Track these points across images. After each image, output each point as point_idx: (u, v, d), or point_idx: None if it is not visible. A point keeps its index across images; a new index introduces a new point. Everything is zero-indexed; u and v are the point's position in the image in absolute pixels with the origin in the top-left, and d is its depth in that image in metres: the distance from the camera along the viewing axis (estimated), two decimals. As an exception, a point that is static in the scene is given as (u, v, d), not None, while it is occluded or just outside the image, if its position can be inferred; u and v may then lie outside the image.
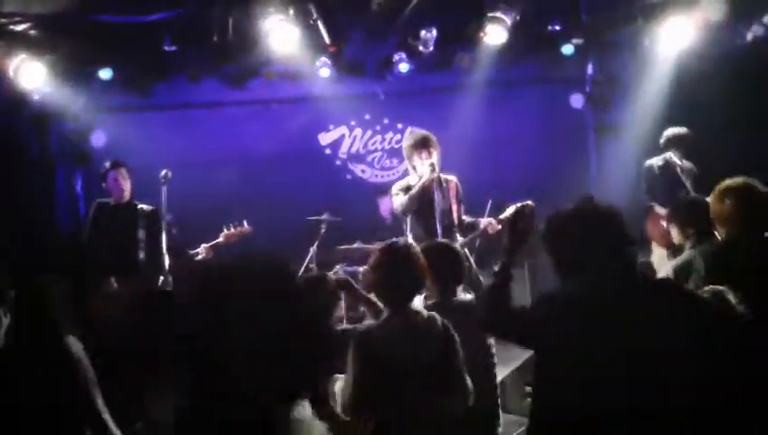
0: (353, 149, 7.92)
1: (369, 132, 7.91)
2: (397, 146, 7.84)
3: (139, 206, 5.33)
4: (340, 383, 2.89)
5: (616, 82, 7.50)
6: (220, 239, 5.25)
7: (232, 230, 5.29)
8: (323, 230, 6.43)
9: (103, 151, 6.90)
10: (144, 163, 5.75)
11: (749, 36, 6.42)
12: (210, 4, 5.94)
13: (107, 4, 5.76)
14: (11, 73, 5.63)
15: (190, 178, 6.90)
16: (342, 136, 7.89)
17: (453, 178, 5.20)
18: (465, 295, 3.49)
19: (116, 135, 7.11)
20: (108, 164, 5.40)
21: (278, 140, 7.49)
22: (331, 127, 7.88)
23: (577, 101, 7.76)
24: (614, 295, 2.34)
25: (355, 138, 7.91)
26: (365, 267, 4.71)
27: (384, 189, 7.44)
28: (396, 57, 6.91)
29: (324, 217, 6.47)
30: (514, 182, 7.70)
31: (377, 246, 6.40)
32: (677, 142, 6.14)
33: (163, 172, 5.03)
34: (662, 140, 6.27)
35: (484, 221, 5.11)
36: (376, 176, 7.94)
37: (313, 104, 7.38)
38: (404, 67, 6.90)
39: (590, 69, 7.69)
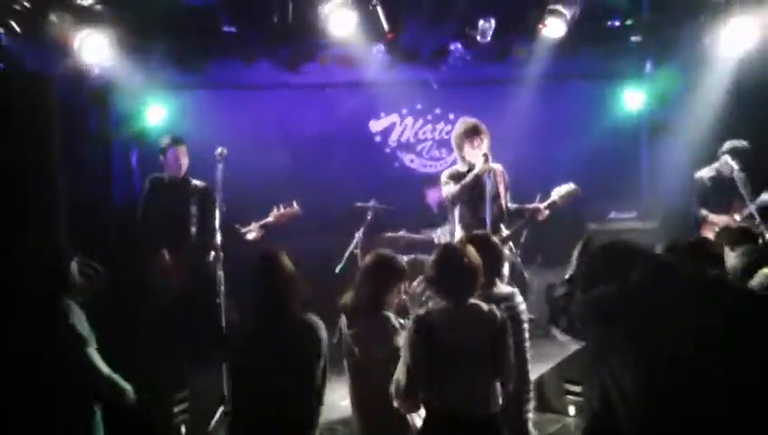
0: (403, 138, 7.94)
1: (420, 122, 7.92)
2: (446, 136, 7.82)
3: (193, 182, 5.43)
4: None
5: (674, 81, 7.35)
6: (270, 219, 5.32)
7: (282, 211, 5.35)
8: (370, 217, 6.48)
9: (159, 127, 7.05)
10: (196, 141, 5.86)
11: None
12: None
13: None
14: (76, 47, 5.76)
15: (241, 158, 6.95)
16: (393, 124, 7.91)
17: (498, 166, 5.19)
18: (504, 288, 3.49)
19: (171, 112, 7.26)
20: (168, 139, 5.51)
21: (329, 124, 7.54)
22: (383, 114, 7.91)
23: (634, 97, 7.66)
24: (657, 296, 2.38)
25: (406, 126, 7.93)
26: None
27: (432, 179, 7.43)
28: (452, 46, 6.87)
29: (371, 203, 6.52)
30: (565, 177, 7.61)
31: (422, 235, 6.53)
32: (735, 154, 5.93)
33: (219, 150, 5.09)
34: (722, 149, 6.07)
35: (530, 207, 5.11)
36: (424, 166, 7.95)
37: (366, 90, 7.40)
38: (459, 57, 6.87)
39: (648, 66, 7.57)
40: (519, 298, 3.49)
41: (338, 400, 4.22)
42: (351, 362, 3.30)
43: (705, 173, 6.14)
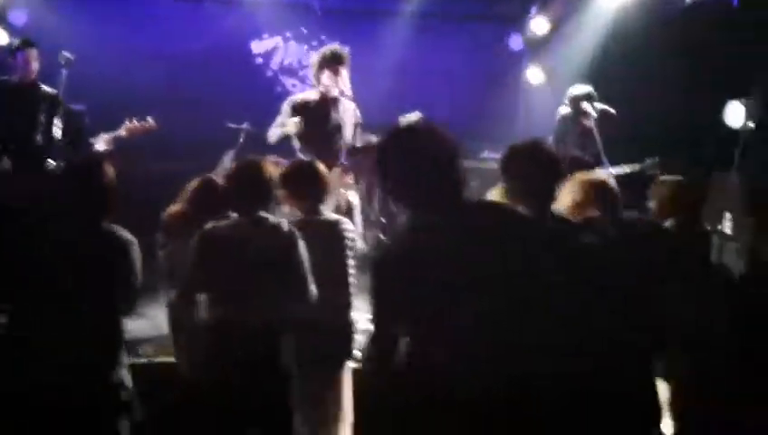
0: (286, 62, 7.74)
1: (305, 47, 7.72)
2: (331, 65, 7.72)
3: (43, 88, 5.15)
4: None
5: (555, 28, 7.47)
6: (121, 132, 5.13)
7: (134, 124, 5.16)
8: (242, 140, 6.36)
9: (22, 31, 6.61)
10: (61, 48, 5.55)
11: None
12: None
13: None
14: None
15: (112, 69, 6.72)
16: (276, 46, 7.70)
17: (353, 104, 5.18)
18: (330, 215, 3.53)
19: (37, 16, 6.82)
20: (18, 42, 5.19)
21: (208, 41, 7.20)
22: (266, 36, 7.66)
23: (515, 42, 7.76)
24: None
25: (289, 50, 7.73)
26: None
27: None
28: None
29: (244, 126, 6.38)
30: (441, 118, 7.70)
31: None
32: (591, 99, 5.80)
33: (64, 55, 4.84)
34: (572, 94, 5.91)
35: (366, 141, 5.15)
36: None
37: (249, 9, 7.16)
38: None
39: (532, 11, 7.65)
40: (347, 225, 3.53)
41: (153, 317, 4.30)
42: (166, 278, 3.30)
43: (566, 111, 5.95)
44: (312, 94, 5.08)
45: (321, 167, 3.56)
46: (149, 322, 4.42)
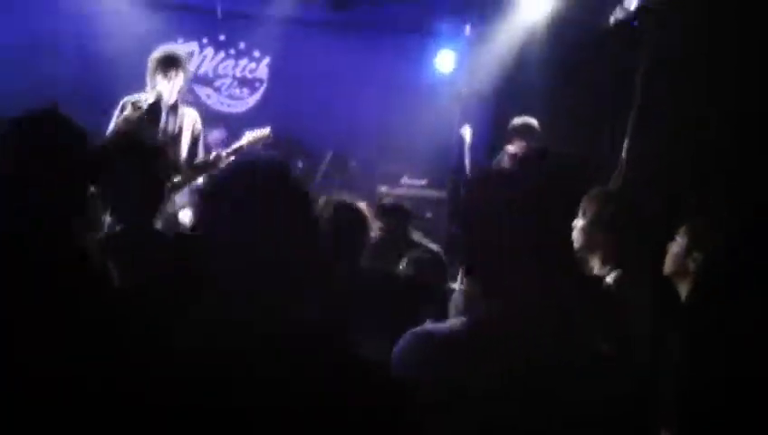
0: (201, 70, 7.30)
1: (222, 54, 7.31)
2: (249, 75, 7.34)
3: None
4: None
5: (487, 46, 7.00)
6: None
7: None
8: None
9: None
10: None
11: (612, 19, 5.92)
12: None
13: None
14: None
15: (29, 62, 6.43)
16: (192, 53, 7.31)
17: (194, 112, 4.76)
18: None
19: None
20: None
21: (121, 43, 6.86)
22: (180, 41, 7.26)
23: (446, 60, 7.31)
24: None
25: (205, 57, 7.30)
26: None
27: (226, 120, 7.00)
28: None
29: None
30: (370, 136, 7.31)
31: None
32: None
33: None
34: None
35: (213, 155, 4.73)
36: (221, 103, 7.38)
37: (162, 13, 6.80)
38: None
39: (467, 29, 7.22)
40: None
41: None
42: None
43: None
44: (147, 97, 4.67)
45: None
46: None
